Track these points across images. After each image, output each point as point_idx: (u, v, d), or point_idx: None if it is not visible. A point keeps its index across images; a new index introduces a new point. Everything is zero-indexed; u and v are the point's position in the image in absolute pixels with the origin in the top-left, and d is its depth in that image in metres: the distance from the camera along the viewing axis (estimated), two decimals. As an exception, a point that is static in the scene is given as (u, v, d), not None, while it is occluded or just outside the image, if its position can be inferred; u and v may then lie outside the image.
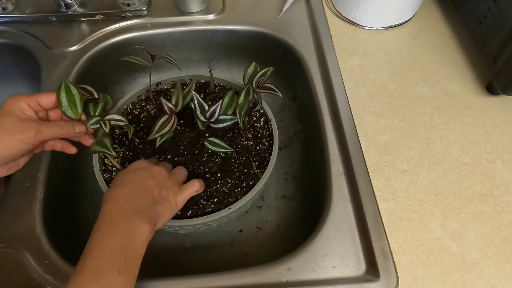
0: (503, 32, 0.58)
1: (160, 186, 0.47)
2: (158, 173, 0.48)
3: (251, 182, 0.54)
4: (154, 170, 0.48)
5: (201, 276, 0.47)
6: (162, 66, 0.77)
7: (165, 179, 0.48)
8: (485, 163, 0.57)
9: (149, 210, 0.44)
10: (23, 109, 0.45)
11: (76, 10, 0.72)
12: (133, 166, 0.49)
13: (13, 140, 0.44)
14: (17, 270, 0.47)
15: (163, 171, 0.49)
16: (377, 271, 0.47)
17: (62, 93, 0.46)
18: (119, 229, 0.41)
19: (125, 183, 0.46)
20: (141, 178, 0.47)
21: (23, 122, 0.44)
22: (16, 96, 0.46)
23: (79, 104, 0.47)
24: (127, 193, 0.45)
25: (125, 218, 0.42)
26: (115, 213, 0.42)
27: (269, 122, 0.60)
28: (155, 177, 0.47)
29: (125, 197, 0.44)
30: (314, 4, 0.75)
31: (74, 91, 0.47)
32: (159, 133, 0.51)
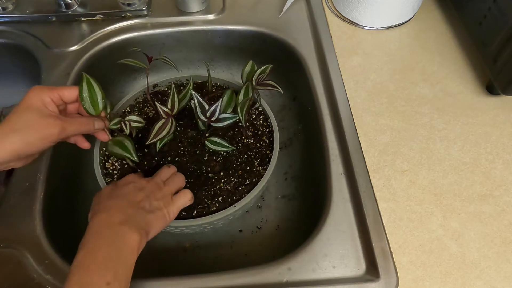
0: (503, 32, 0.58)
1: (150, 197, 0.46)
2: (148, 186, 0.48)
3: (254, 180, 0.54)
4: (143, 183, 0.48)
5: (201, 276, 0.47)
6: (161, 66, 0.77)
7: (154, 191, 0.48)
8: (485, 163, 0.57)
9: (137, 220, 0.43)
10: (46, 104, 0.44)
11: (76, 10, 0.72)
12: (124, 179, 0.49)
13: (35, 137, 0.42)
14: (17, 270, 0.47)
15: (152, 184, 0.48)
16: (377, 271, 0.47)
17: (84, 90, 0.46)
18: (105, 241, 0.40)
19: (113, 196, 0.46)
20: (130, 191, 0.46)
21: (46, 119, 0.43)
22: (38, 89, 0.44)
23: (101, 102, 0.48)
24: (113, 206, 0.44)
25: (111, 229, 0.41)
26: (101, 226, 0.42)
27: (268, 119, 0.60)
28: (144, 190, 0.47)
29: (111, 210, 0.43)
30: (314, 4, 0.75)
31: (96, 88, 0.47)
32: (156, 137, 0.51)
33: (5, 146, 0.41)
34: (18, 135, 0.42)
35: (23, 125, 0.42)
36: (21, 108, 0.43)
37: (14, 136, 0.41)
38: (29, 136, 0.42)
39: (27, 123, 0.42)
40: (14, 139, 0.41)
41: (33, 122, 0.42)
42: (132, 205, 0.44)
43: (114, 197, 0.46)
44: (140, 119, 0.53)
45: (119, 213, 0.43)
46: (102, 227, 0.41)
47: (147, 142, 0.51)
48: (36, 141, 0.43)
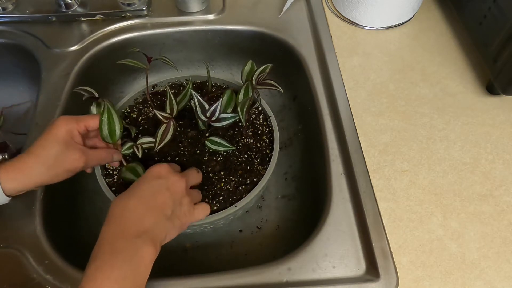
0: (503, 32, 0.58)
1: (175, 202, 0.44)
2: (177, 187, 0.45)
3: (255, 179, 0.54)
4: (172, 181, 0.45)
5: (201, 276, 0.47)
6: (161, 66, 0.77)
7: (182, 195, 0.45)
8: (485, 163, 0.57)
9: (155, 230, 0.41)
10: (73, 136, 0.46)
11: (76, 10, 0.72)
12: (153, 172, 0.45)
13: (61, 170, 0.45)
14: (17, 270, 0.47)
15: (182, 184, 0.45)
16: (377, 271, 0.47)
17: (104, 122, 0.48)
18: (119, 257, 0.37)
19: (136, 195, 0.43)
20: (155, 190, 0.43)
21: (73, 154, 0.45)
22: (66, 121, 0.46)
23: (119, 133, 0.49)
24: (133, 210, 0.41)
25: (126, 244, 0.38)
26: (116, 236, 0.39)
27: (268, 119, 0.60)
28: (171, 190, 0.44)
29: (128, 217, 0.40)
30: (314, 4, 0.75)
31: (115, 117, 0.49)
32: (162, 142, 0.51)
33: (32, 177, 0.43)
34: (46, 168, 0.44)
35: (51, 159, 0.44)
36: (49, 140, 0.45)
37: (42, 169, 0.43)
38: (57, 169, 0.44)
39: (55, 157, 0.44)
40: (42, 172, 0.44)
41: (61, 156, 0.44)
42: (153, 211, 0.41)
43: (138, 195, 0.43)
44: (151, 139, 0.52)
45: (135, 224, 0.40)
46: (117, 239, 0.39)
47: (155, 149, 0.51)
48: (62, 173, 0.45)
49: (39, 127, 0.59)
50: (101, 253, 0.38)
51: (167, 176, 0.45)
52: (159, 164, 0.46)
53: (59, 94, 0.63)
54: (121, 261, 0.37)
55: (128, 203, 0.42)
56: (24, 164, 0.43)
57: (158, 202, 0.42)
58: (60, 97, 0.62)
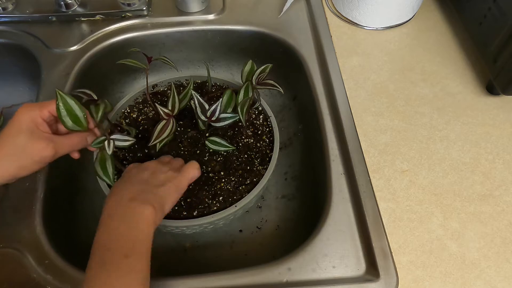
0: (503, 32, 0.58)
1: (156, 173, 0.47)
2: (150, 165, 0.49)
3: (255, 179, 0.54)
4: (144, 164, 0.49)
5: (201, 276, 0.47)
6: (161, 66, 0.77)
7: (159, 167, 0.48)
8: (485, 163, 0.57)
9: (147, 194, 0.44)
10: (37, 124, 0.43)
11: (76, 10, 0.72)
12: (124, 172, 0.50)
13: (29, 161, 0.42)
14: (17, 270, 0.47)
15: (154, 162, 0.49)
16: (377, 271, 0.47)
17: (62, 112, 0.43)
18: (117, 218, 0.41)
19: (118, 184, 0.47)
20: (133, 174, 0.48)
21: (38, 143, 0.42)
22: (28, 108, 0.43)
23: (83, 117, 0.44)
24: (121, 188, 0.45)
25: (122, 208, 0.42)
26: (112, 207, 0.43)
27: (268, 119, 0.60)
28: (147, 169, 0.48)
29: (119, 192, 0.44)
30: (314, 4, 0.75)
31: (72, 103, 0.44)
32: (158, 138, 0.51)
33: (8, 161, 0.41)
34: (11, 160, 0.41)
35: (16, 150, 0.42)
36: (12, 131, 0.42)
37: (7, 161, 0.41)
38: (23, 161, 0.42)
39: (20, 148, 0.42)
40: (7, 164, 0.41)
41: (25, 146, 0.42)
42: (140, 183, 0.45)
43: (120, 184, 0.47)
44: (127, 138, 0.50)
45: (127, 192, 0.44)
46: (114, 207, 0.42)
47: (149, 144, 0.51)
48: (30, 165, 0.43)
49: (39, 127, 0.59)
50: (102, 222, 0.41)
51: (139, 165, 0.49)
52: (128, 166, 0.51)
53: (59, 94, 0.63)
54: (119, 222, 0.41)
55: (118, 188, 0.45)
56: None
57: (142, 177, 0.46)
58: (60, 97, 0.62)
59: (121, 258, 0.38)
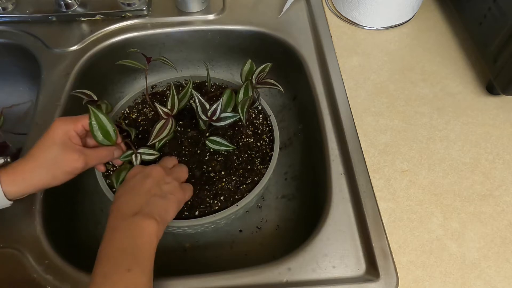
0: (503, 32, 0.58)
1: (159, 182, 0.47)
2: (154, 172, 0.48)
3: (255, 178, 0.54)
4: (148, 170, 0.48)
5: (201, 276, 0.47)
6: (161, 66, 0.77)
7: (162, 176, 0.48)
8: (485, 163, 0.57)
9: (150, 207, 0.44)
10: (71, 137, 0.46)
11: (76, 10, 0.72)
12: (128, 175, 0.49)
13: (61, 172, 0.45)
14: (17, 270, 0.47)
15: (158, 169, 0.49)
16: (377, 271, 0.47)
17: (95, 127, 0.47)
18: (121, 232, 0.41)
19: (123, 193, 0.46)
20: (137, 181, 0.47)
21: (71, 155, 0.45)
22: (63, 122, 0.46)
23: (113, 132, 0.48)
24: (125, 200, 0.45)
25: (125, 221, 0.42)
26: (116, 220, 0.43)
27: (268, 118, 0.60)
28: (151, 176, 0.47)
29: (123, 204, 0.44)
30: (314, 4, 0.75)
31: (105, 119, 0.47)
32: (157, 138, 0.51)
33: (33, 181, 0.44)
34: (45, 171, 0.44)
35: (50, 161, 0.44)
36: (47, 143, 0.45)
37: (41, 171, 0.44)
38: (55, 171, 0.45)
39: (53, 159, 0.44)
40: (41, 175, 0.44)
41: (59, 158, 0.45)
42: (143, 194, 0.45)
43: (124, 192, 0.46)
44: (153, 152, 0.53)
45: (131, 206, 0.44)
46: (118, 221, 0.43)
47: (148, 143, 0.51)
48: (61, 175, 0.45)
49: (39, 127, 0.59)
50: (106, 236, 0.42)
51: (142, 170, 0.49)
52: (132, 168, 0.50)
53: (59, 94, 0.63)
54: (123, 236, 0.41)
55: (121, 197, 0.45)
56: (23, 167, 0.44)
57: (145, 187, 0.46)
58: (60, 97, 0.62)
59: (124, 272, 0.38)
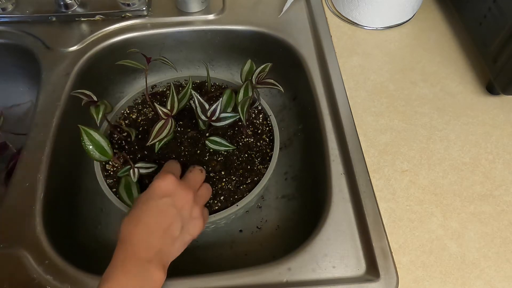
0: (503, 32, 0.58)
1: (182, 219, 0.43)
2: (184, 202, 0.44)
3: (256, 178, 0.54)
4: (179, 196, 0.44)
5: (201, 276, 0.47)
6: (161, 66, 0.77)
7: (190, 208, 0.44)
8: (485, 163, 0.57)
9: (163, 253, 0.41)
10: None
11: (76, 10, 0.72)
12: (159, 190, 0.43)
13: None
14: (17, 270, 0.47)
15: (189, 198, 0.44)
16: (377, 271, 0.47)
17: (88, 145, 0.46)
18: (131, 280, 0.38)
19: (144, 219, 0.42)
20: (162, 209, 0.42)
21: None
22: None
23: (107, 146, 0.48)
24: (143, 234, 0.41)
25: (138, 267, 0.39)
26: (128, 259, 0.39)
27: (267, 118, 0.60)
28: (178, 207, 0.43)
29: (140, 240, 0.41)
30: (314, 4, 0.75)
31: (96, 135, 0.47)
32: (156, 138, 0.50)
33: None
34: None
35: None
36: None
37: None
38: None
39: None
40: None
41: None
42: (161, 234, 0.42)
43: (146, 216, 0.42)
44: (150, 165, 0.52)
45: (146, 247, 0.40)
46: (128, 261, 0.39)
47: (148, 144, 0.51)
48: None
49: (39, 127, 0.59)
50: (114, 275, 0.38)
51: (173, 193, 0.44)
52: (164, 178, 0.44)
53: (59, 94, 0.63)
54: (133, 284, 0.38)
55: (137, 227, 0.41)
56: None
57: (167, 222, 0.42)
58: (60, 97, 0.62)
59: None
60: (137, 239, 0.41)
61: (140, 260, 0.39)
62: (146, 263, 0.39)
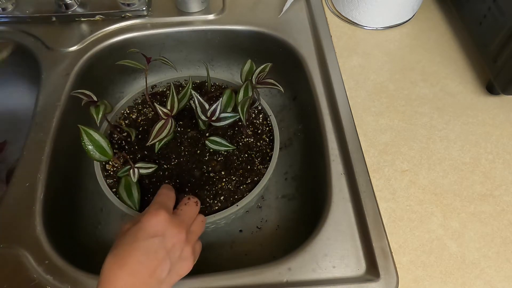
0: (503, 32, 0.58)
1: (172, 261, 0.40)
2: (175, 241, 0.41)
3: (256, 178, 0.54)
4: (170, 237, 0.41)
5: (201, 276, 0.47)
6: (161, 66, 0.77)
7: (180, 249, 0.42)
8: (485, 163, 0.57)
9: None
10: None
11: (76, 10, 0.72)
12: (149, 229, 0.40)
13: None
14: (17, 270, 0.47)
15: (180, 236, 0.42)
16: (377, 271, 0.47)
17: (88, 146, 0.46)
18: None
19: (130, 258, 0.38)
20: (151, 251, 0.39)
21: None
22: None
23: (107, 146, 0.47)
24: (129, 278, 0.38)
25: None
26: None
27: (267, 118, 0.60)
28: (167, 248, 0.40)
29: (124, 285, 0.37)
30: (314, 4, 0.75)
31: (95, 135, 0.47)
32: (156, 138, 0.50)
33: None
34: None
35: None
36: None
37: None
38: None
39: None
40: None
41: None
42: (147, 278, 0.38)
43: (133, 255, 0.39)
44: (150, 165, 0.52)
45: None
46: None
47: (147, 144, 0.51)
48: None
49: (39, 127, 0.59)
50: None
51: (164, 233, 0.41)
52: (155, 215, 0.41)
53: (59, 94, 0.63)
54: None
55: (122, 269, 0.38)
56: None
57: (154, 265, 0.39)
58: (60, 97, 0.62)
59: None
60: (120, 284, 0.37)
61: None
62: None
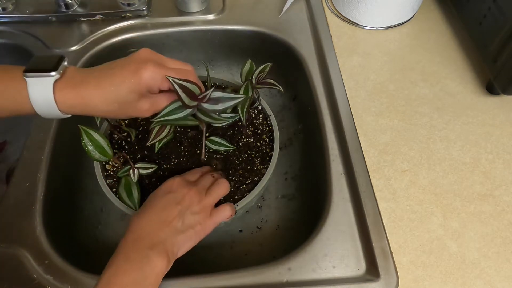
0: (503, 32, 0.58)
1: (186, 213, 0.46)
2: (187, 198, 0.47)
3: (255, 178, 0.54)
4: (182, 194, 0.47)
5: (201, 276, 0.47)
6: (162, 66, 0.77)
7: (192, 205, 0.47)
8: (485, 163, 0.57)
9: (167, 243, 0.43)
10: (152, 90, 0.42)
11: (76, 10, 0.72)
12: (164, 186, 0.48)
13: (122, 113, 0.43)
14: (17, 270, 0.47)
15: (192, 194, 0.47)
16: (377, 271, 0.47)
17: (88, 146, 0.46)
18: (132, 266, 0.40)
19: (149, 210, 0.46)
20: (166, 204, 0.46)
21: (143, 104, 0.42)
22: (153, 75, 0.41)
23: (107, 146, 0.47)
24: (146, 225, 0.44)
25: (140, 254, 0.41)
26: (131, 248, 0.42)
27: (267, 118, 0.60)
28: (181, 203, 0.46)
29: (142, 230, 0.44)
30: (314, 4, 0.75)
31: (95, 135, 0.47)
32: (156, 138, 0.50)
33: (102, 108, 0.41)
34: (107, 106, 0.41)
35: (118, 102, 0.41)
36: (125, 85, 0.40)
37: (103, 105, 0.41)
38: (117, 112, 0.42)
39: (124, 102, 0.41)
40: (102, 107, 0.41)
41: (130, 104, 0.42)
42: (164, 226, 0.44)
43: (150, 210, 0.46)
44: (150, 165, 0.53)
45: (149, 236, 0.43)
46: (131, 249, 0.42)
47: (147, 144, 0.51)
48: (121, 115, 0.44)
49: (39, 127, 0.59)
50: (116, 261, 0.41)
51: (176, 190, 0.48)
52: (172, 178, 0.49)
53: (59, 94, 0.63)
54: (133, 269, 0.40)
55: (142, 218, 0.45)
56: (85, 91, 0.40)
57: (169, 216, 0.45)
58: (60, 97, 0.62)
59: None
60: (140, 230, 0.44)
61: (142, 247, 0.42)
62: (147, 250, 0.42)
